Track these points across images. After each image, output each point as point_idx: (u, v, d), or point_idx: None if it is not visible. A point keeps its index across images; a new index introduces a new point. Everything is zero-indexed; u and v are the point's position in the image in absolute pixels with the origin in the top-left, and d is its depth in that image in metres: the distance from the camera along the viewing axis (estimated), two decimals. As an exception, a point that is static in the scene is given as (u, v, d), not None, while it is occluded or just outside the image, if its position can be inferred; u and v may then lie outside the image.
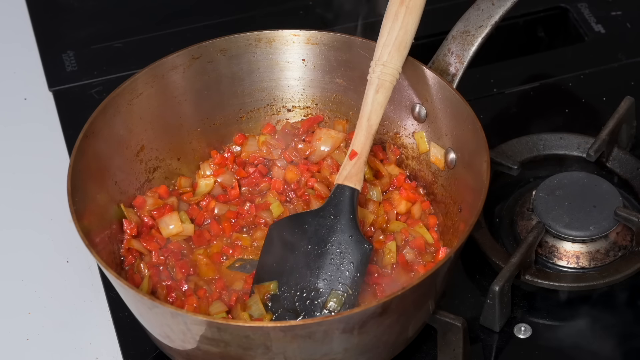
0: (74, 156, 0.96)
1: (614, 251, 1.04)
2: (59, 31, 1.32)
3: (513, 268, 0.99)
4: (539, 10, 1.33)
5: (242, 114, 1.11)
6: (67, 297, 1.06)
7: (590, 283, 1.02)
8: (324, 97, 1.11)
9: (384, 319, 0.87)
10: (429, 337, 0.98)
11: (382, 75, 0.99)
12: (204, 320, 0.85)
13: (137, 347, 1.00)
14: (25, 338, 1.03)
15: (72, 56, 1.28)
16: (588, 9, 1.31)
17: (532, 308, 1.02)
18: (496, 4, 1.03)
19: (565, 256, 1.04)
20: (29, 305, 1.05)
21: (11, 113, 1.25)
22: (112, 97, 1.01)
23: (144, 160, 1.05)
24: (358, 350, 0.89)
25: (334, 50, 1.08)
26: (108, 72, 1.26)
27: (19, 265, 1.09)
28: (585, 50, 1.28)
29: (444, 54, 1.04)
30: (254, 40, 1.08)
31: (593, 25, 1.29)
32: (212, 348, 0.87)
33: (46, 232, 1.11)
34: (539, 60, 1.28)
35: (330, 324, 0.84)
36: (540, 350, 1.00)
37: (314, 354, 0.87)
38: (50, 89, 1.25)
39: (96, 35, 1.31)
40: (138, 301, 0.89)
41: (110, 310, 1.03)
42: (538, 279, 1.01)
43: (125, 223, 1.01)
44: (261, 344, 0.85)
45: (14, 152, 1.20)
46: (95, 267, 1.08)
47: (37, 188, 1.16)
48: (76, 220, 0.91)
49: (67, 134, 1.20)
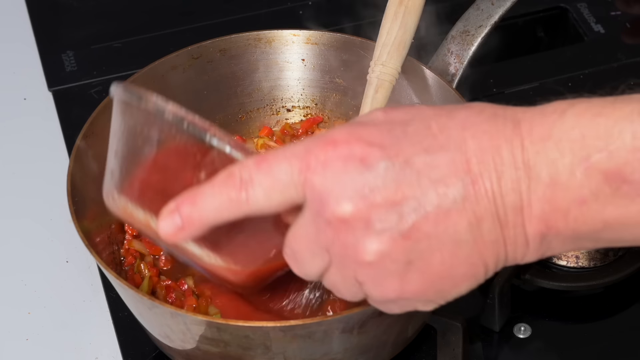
0: (74, 156, 0.96)
1: (614, 251, 1.04)
2: (58, 31, 1.32)
3: (513, 268, 0.99)
4: (539, 10, 1.33)
5: (241, 114, 1.11)
6: (67, 297, 1.06)
7: (590, 283, 1.02)
8: (324, 96, 1.11)
9: (383, 318, 0.87)
10: (429, 337, 0.98)
11: (382, 75, 0.99)
12: (204, 320, 0.85)
13: (137, 347, 1.00)
14: (25, 338, 1.03)
15: (71, 56, 1.28)
16: (588, 9, 1.31)
17: (532, 308, 1.02)
18: (496, 4, 1.03)
19: (565, 256, 1.04)
20: (29, 305, 1.05)
21: (10, 113, 1.25)
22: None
23: (143, 160, 1.05)
24: (358, 350, 0.89)
25: (333, 50, 1.08)
26: (108, 72, 1.26)
27: (19, 266, 1.09)
28: (585, 50, 1.28)
29: (444, 54, 1.04)
30: (253, 40, 1.08)
31: (592, 25, 1.29)
32: (212, 348, 0.87)
33: (46, 232, 1.11)
34: (538, 60, 1.28)
35: (330, 323, 0.84)
36: (540, 350, 1.00)
37: (314, 354, 0.87)
38: (50, 89, 1.25)
39: (96, 35, 1.31)
40: (138, 301, 0.89)
41: (110, 310, 1.03)
42: (538, 279, 1.01)
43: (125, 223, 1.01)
44: (261, 344, 0.85)
45: (14, 152, 1.20)
46: (95, 267, 1.08)
47: (37, 188, 1.16)
48: (76, 220, 0.91)
49: (67, 134, 1.20)
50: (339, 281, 0.75)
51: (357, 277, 0.73)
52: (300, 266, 0.76)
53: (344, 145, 0.71)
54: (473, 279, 0.73)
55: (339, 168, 0.71)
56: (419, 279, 0.72)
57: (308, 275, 0.76)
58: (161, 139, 0.78)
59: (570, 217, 0.70)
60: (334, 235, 0.72)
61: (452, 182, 0.70)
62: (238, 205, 0.73)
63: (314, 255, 0.74)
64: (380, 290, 0.73)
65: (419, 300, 0.75)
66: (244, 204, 0.73)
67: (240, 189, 0.73)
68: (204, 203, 0.74)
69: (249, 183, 0.73)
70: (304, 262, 0.75)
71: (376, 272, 0.72)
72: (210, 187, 0.74)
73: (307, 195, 0.72)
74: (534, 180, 0.70)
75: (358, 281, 0.74)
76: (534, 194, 0.70)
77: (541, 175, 0.70)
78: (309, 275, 0.76)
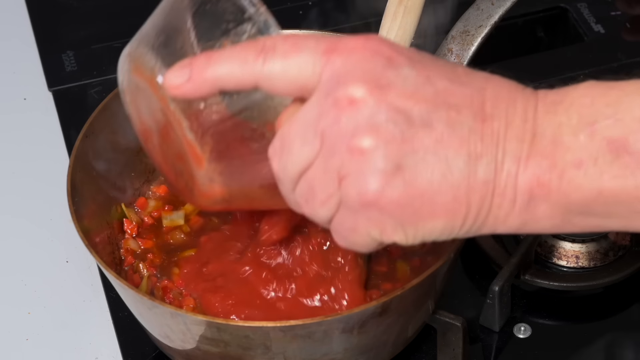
0: (74, 156, 0.96)
1: (614, 251, 1.04)
2: (58, 31, 1.32)
3: (513, 268, 0.99)
4: (539, 10, 1.33)
5: (241, 114, 1.11)
6: (67, 297, 1.06)
7: (590, 283, 1.02)
8: (324, 97, 1.11)
9: (383, 318, 0.87)
10: (429, 337, 0.98)
11: (382, 74, 0.99)
12: (204, 320, 0.85)
13: (137, 347, 1.00)
14: (25, 338, 1.03)
15: (71, 56, 1.28)
16: (587, 9, 1.31)
17: (532, 308, 1.02)
18: (496, 4, 1.03)
19: (565, 256, 1.04)
20: (29, 305, 1.05)
21: (10, 113, 1.25)
22: (112, 97, 1.01)
23: (143, 160, 1.05)
24: (358, 350, 0.89)
25: (333, 50, 1.08)
26: (108, 72, 1.26)
27: (19, 266, 1.09)
28: (585, 50, 1.28)
29: (444, 54, 1.04)
30: (253, 40, 1.08)
31: (593, 25, 1.29)
32: (212, 348, 0.87)
33: (46, 232, 1.11)
34: (538, 60, 1.28)
35: (330, 323, 0.84)
36: (540, 350, 1.00)
37: (314, 354, 0.87)
38: (50, 89, 1.25)
39: (96, 35, 1.31)
40: (138, 301, 0.89)
41: (110, 310, 1.03)
42: (538, 279, 1.01)
43: (125, 223, 1.01)
44: (261, 344, 0.85)
45: (14, 152, 1.20)
46: (95, 267, 1.08)
47: (37, 188, 1.16)
48: (76, 220, 0.91)
49: (67, 134, 1.20)
50: (318, 177, 0.72)
51: (341, 168, 0.71)
52: (285, 158, 0.73)
53: (375, 42, 0.72)
54: (450, 218, 0.72)
55: (365, 57, 0.71)
56: (401, 188, 0.70)
57: (288, 170, 0.74)
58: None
59: (564, 178, 0.70)
60: (336, 115, 0.71)
61: (464, 112, 0.71)
62: (252, 69, 0.72)
63: (304, 142, 0.72)
64: (359, 186, 0.71)
65: (390, 219, 0.72)
66: (258, 68, 0.72)
67: (260, 53, 0.72)
68: (219, 60, 0.73)
69: (270, 50, 0.72)
70: (290, 152, 0.73)
71: (363, 165, 0.70)
72: (230, 49, 0.74)
73: (323, 76, 0.71)
74: (538, 136, 0.71)
75: (340, 175, 0.71)
76: (535, 148, 0.71)
77: (545, 133, 0.71)
78: (289, 171, 0.73)
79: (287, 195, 0.76)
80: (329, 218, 0.74)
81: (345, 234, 0.74)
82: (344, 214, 0.73)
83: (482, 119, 0.71)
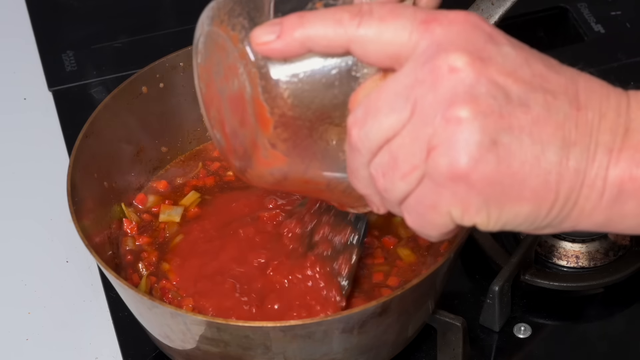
0: (74, 156, 0.96)
1: (614, 251, 1.04)
2: (58, 31, 1.32)
3: (513, 268, 0.99)
4: (539, 10, 1.33)
5: (241, 114, 1.11)
6: (67, 297, 1.06)
7: (590, 283, 1.02)
8: (324, 97, 1.11)
9: (383, 318, 0.87)
10: (429, 337, 0.98)
11: (383, 74, 0.99)
12: (204, 320, 0.85)
13: (137, 347, 1.00)
14: (25, 338, 1.03)
15: (71, 56, 1.28)
16: (588, 8, 1.31)
17: (532, 308, 1.02)
18: (495, 4, 1.03)
19: (565, 256, 1.04)
20: (29, 305, 1.06)
21: (10, 113, 1.25)
22: (112, 97, 1.01)
23: (144, 160, 1.05)
24: (358, 350, 0.89)
25: (333, 50, 1.08)
26: (108, 72, 1.26)
27: (19, 266, 1.09)
28: (585, 50, 1.28)
29: (444, 53, 1.04)
30: (253, 40, 1.08)
31: (593, 25, 1.29)
32: (212, 348, 0.87)
33: (46, 232, 1.11)
34: (538, 60, 1.28)
35: (330, 323, 0.85)
36: (540, 350, 1.00)
37: (314, 354, 0.87)
38: (50, 88, 1.25)
39: (96, 35, 1.31)
40: (138, 301, 0.89)
41: (110, 310, 1.03)
42: (538, 279, 1.01)
43: (125, 223, 1.01)
44: (261, 344, 0.85)
45: (14, 152, 1.20)
46: (95, 267, 1.08)
47: (37, 188, 1.16)
48: (76, 220, 0.91)
49: (67, 133, 1.20)
50: (405, 146, 0.68)
51: (433, 137, 0.67)
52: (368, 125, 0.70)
53: (476, 18, 0.70)
54: (537, 204, 0.69)
55: (466, 29, 0.70)
56: (494, 164, 0.67)
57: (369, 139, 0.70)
58: None
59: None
60: (434, 82, 0.68)
61: (560, 98, 0.69)
62: (346, 30, 0.70)
63: (393, 109, 0.69)
64: (451, 157, 0.67)
65: (477, 196, 0.68)
66: (352, 29, 0.69)
67: (356, 15, 0.70)
68: (312, 20, 0.71)
69: (367, 13, 0.70)
70: (375, 119, 0.69)
71: (459, 135, 0.67)
72: (324, 10, 0.72)
73: (420, 44, 0.69)
74: (631, 131, 0.69)
75: (430, 145, 0.67)
76: (628, 142, 0.69)
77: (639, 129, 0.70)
78: (371, 140, 0.70)
79: (358, 171, 0.72)
80: (406, 194, 0.70)
81: (423, 211, 0.70)
82: (426, 188, 0.69)
83: (577, 107, 0.69)
